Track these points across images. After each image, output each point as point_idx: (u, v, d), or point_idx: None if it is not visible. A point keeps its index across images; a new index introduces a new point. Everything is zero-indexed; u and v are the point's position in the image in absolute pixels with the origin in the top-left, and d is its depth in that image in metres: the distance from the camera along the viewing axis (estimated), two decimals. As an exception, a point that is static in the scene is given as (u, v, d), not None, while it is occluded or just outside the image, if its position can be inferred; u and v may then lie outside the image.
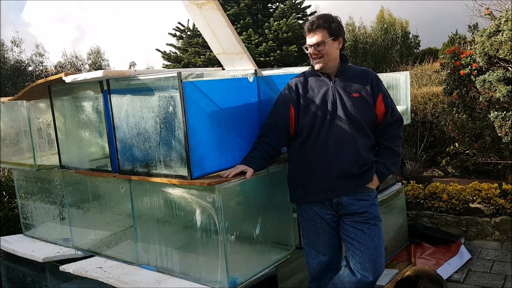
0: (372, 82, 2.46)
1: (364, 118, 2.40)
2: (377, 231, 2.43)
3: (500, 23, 4.70)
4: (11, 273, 3.52)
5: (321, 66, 2.44)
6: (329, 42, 2.40)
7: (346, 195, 2.41)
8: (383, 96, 2.46)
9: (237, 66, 2.65)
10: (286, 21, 6.90)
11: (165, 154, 2.39)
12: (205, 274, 2.41)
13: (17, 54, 17.21)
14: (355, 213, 2.42)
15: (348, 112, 2.39)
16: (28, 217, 3.68)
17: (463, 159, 6.01)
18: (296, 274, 2.87)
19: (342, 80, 2.45)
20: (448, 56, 5.61)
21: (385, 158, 2.47)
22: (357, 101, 2.41)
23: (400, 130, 2.53)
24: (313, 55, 2.44)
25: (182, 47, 7.70)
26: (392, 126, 2.49)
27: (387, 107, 2.46)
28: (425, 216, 4.57)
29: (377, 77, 2.51)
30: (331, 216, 2.47)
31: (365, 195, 2.43)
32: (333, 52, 2.43)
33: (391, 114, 2.47)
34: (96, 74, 2.41)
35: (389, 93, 2.55)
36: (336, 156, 2.38)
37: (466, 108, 5.71)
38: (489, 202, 4.44)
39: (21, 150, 3.37)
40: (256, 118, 2.68)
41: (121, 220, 2.90)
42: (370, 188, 2.45)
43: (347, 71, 2.49)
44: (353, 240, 2.42)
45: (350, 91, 2.43)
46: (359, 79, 2.46)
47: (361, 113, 2.40)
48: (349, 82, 2.45)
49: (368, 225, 2.41)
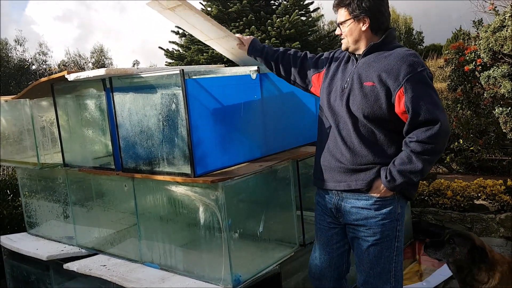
0: (394, 71, 1.96)
1: (370, 114, 2.03)
2: (377, 252, 2.14)
3: (504, 18, 4.65)
4: (15, 271, 3.54)
5: (345, 47, 2.17)
6: (350, 22, 2.09)
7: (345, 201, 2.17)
8: (405, 92, 1.94)
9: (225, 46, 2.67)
10: (289, 18, 6.87)
11: (168, 152, 2.38)
12: (209, 272, 2.41)
13: (20, 53, 17.28)
14: (355, 224, 2.17)
15: (349, 105, 2.08)
16: (32, 216, 3.68)
17: (467, 155, 5.98)
18: (300, 271, 2.87)
19: (364, 63, 2.09)
20: (453, 51, 5.57)
21: (396, 163, 2.01)
22: (366, 92, 2.03)
23: (431, 133, 1.93)
24: (339, 34, 2.18)
25: (185, 44, 7.68)
26: (420, 129, 1.96)
27: (408, 106, 1.94)
28: (430, 213, 4.54)
29: (409, 67, 1.96)
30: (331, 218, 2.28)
31: (367, 203, 2.11)
32: (357, 33, 2.10)
33: (414, 114, 1.94)
34: (98, 72, 2.41)
35: (427, 92, 1.97)
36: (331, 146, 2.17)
37: (471, 104, 5.67)
38: (494, 199, 4.41)
39: (25, 148, 3.38)
40: (259, 115, 2.67)
41: (124, 218, 2.90)
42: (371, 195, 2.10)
43: (374, 53, 2.09)
44: (355, 256, 2.25)
45: (365, 78, 2.04)
46: (381, 64, 2.01)
47: (367, 107, 2.02)
48: (369, 67, 2.05)
49: (368, 244, 2.14)
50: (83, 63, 19.50)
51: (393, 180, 2.02)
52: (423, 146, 1.95)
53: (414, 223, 4.31)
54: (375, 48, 2.09)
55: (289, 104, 2.86)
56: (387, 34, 2.10)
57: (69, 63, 18.94)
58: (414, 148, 1.96)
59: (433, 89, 1.99)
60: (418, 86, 1.95)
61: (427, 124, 1.94)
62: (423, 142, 1.94)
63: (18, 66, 16.42)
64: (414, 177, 2.01)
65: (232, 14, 7.16)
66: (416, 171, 1.98)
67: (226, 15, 7.23)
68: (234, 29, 6.84)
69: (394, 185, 2.03)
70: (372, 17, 2.07)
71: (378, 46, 2.09)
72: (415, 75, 1.95)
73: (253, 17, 7.03)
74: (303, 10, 7.63)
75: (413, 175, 2.00)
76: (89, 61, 19.95)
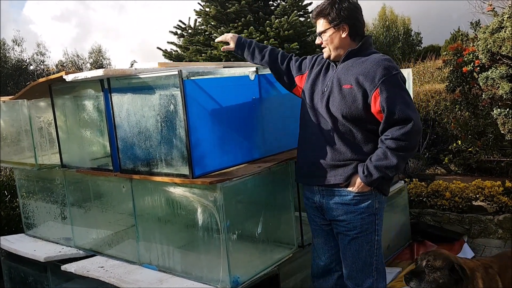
0: (370, 74, 2.11)
1: (348, 114, 2.16)
2: (357, 245, 2.27)
3: (503, 19, 4.66)
4: (13, 272, 3.52)
5: (326, 55, 2.32)
6: (331, 31, 2.24)
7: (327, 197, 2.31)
8: (381, 92, 2.08)
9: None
10: (288, 19, 6.87)
11: (166, 153, 2.38)
12: (207, 273, 2.40)
13: (18, 53, 17.26)
14: (336, 220, 2.31)
15: (329, 105, 2.22)
16: (30, 217, 3.67)
17: (466, 156, 5.98)
18: (298, 273, 2.86)
19: (343, 68, 2.24)
20: (451, 53, 5.58)
21: (374, 159, 2.15)
22: (344, 94, 2.17)
23: (404, 131, 2.08)
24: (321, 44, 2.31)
25: (183, 45, 7.68)
26: (395, 126, 2.10)
27: (383, 106, 2.08)
28: (428, 214, 4.55)
29: (383, 71, 2.11)
30: (320, 219, 2.42)
31: (345, 198, 2.25)
32: (338, 41, 2.24)
33: (389, 114, 2.08)
34: (96, 72, 2.40)
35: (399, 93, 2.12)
36: (313, 145, 2.32)
37: (469, 106, 5.68)
38: (492, 200, 4.42)
39: (22, 149, 3.37)
40: (257, 116, 2.66)
41: (122, 219, 2.89)
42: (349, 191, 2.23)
43: (350, 59, 2.24)
44: (340, 251, 2.39)
45: (344, 81, 2.20)
46: (358, 68, 2.17)
47: (345, 108, 2.16)
48: (347, 71, 2.20)
49: (349, 239, 2.28)
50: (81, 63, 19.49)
51: (370, 175, 2.16)
52: (397, 143, 2.09)
53: (413, 224, 4.31)
54: (353, 54, 2.25)
55: (287, 105, 2.86)
56: (364, 41, 2.27)
57: (67, 63, 18.93)
58: (389, 145, 2.11)
59: (405, 90, 2.16)
60: (392, 87, 2.11)
61: (400, 122, 2.10)
62: (398, 139, 2.09)
63: (16, 67, 16.40)
64: (389, 172, 2.16)
65: (230, 15, 7.15)
66: (392, 167, 2.13)
67: (224, 16, 7.22)
68: (232, 30, 6.83)
69: (371, 180, 2.16)
70: (351, 24, 2.24)
71: (355, 52, 2.25)
72: (390, 77, 2.11)
73: (251, 17, 7.03)
74: (302, 10, 7.63)
75: (388, 170, 2.14)
76: (87, 61, 19.95)
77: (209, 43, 7.26)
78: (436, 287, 2.42)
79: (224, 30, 6.86)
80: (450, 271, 2.39)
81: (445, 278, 2.39)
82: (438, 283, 2.41)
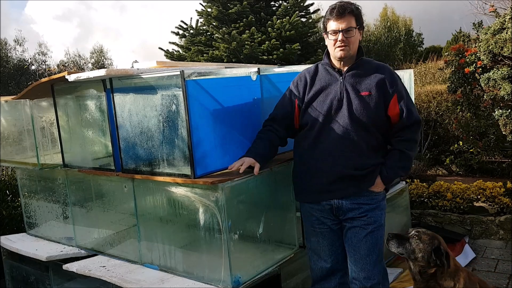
0: (386, 80, 2.27)
1: (371, 120, 2.26)
2: (374, 238, 2.32)
3: (504, 20, 4.66)
4: (15, 272, 3.53)
5: (345, 54, 2.27)
6: (356, 31, 2.27)
7: (346, 199, 2.31)
8: (398, 96, 2.27)
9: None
10: (289, 19, 6.87)
11: (168, 152, 2.38)
12: (209, 273, 2.40)
13: (20, 53, 17.28)
14: (355, 217, 2.33)
15: (353, 112, 2.25)
16: (32, 216, 3.68)
17: (467, 157, 5.98)
18: (299, 273, 2.86)
19: (353, 76, 2.30)
20: (453, 53, 5.57)
21: (393, 161, 2.30)
22: (365, 101, 2.26)
23: (416, 133, 2.33)
24: (339, 41, 2.24)
25: (185, 45, 7.69)
26: (409, 128, 2.30)
27: (402, 109, 2.27)
28: (429, 215, 4.55)
29: (393, 75, 2.32)
30: (331, 220, 2.40)
31: (368, 199, 2.32)
32: (357, 42, 2.30)
33: (407, 116, 2.28)
34: (99, 72, 2.40)
35: (408, 93, 2.36)
36: (335, 157, 2.28)
37: (470, 106, 5.68)
38: (493, 201, 4.42)
39: (24, 149, 3.38)
40: (259, 117, 2.66)
41: (124, 219, 2.89)
42: (374, 191, 2.32)
43: (361, 66, 2.33)
44: (349, 246, 2.37)
45: (360, 88, 2.27)
46: (372, 76, 2.29)
47: (368, 114, 2.25)
48: (361, 79, 2.29)
49: (365, 232, 2.31)
50: (82, 63, 19.51)
51: (391, 177, 2.33)
52: (410, 144, 2.32)
53: (414, 225, 4.30)
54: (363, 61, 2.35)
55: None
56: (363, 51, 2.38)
57: (68, 63, 18.95)
58: (405, 146, 2.30)
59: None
60: (405, 91, 2.34)
61: (414, 124, 2.31)
62: (411, 141, 2.32)
63: (18, 66, 16.42)
64: (405, 172, 2.41)
65: (232, 15, 7.16)
66: (408, 167, 2.37)
67: (226, 16, 7.24)
68: (234, 30, 6.84)
69: (391, 180, 2.35)
70: (362, 32, 2.36)
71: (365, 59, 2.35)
72: (401, 82, 2.35)
73: (253, 18, 7.04)
74: (303, 11, 7.64)
75: (405, 170, 2.37)
76: (88, 61, 19.96)
77: (210, 44, 7.27)
78: (412, 259, 2.32)
79: (226, 31, 6.87)
80: (434, 251, 2.28)
81: (425, 255, 2.28)
82: (415, 255, 2.30)
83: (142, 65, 2.97)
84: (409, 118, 2.29)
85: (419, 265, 2.33)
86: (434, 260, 2.28)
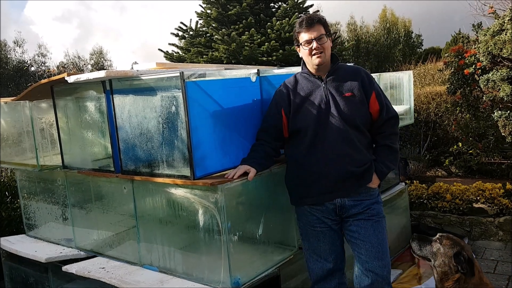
0: (364, 81, 2.43)
1: (359, 118, 2.38)
2: (381, 227, 2.41)
3: (503, 22, 4.67)
4: (14, 273, 3.53)
5: (322, 60, 2.39)
6: (327, 38, 2.41)
7: (348, 197, 2.38)
8: (376, 94, 2.43)
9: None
10: (289, 21, 6.88)
11: (167, 154, 2.38)
12: (208, 274, 2.40)
13: (19, 54, 17.28)
14: (358, 212, 2.40)
15: (342, 112, 2.36)
16: (31, 218, 3.68)
17: (466, 159, 5.99)
18: (299, 274, 2.86)
19: (333, 80, 2.43)
20: (452, 55, 5.58)
21: (383, 156, 2.45)
22: (350, 100, 2.39)
23: (396, 127, 2.51)
24: (314, 50, 2.37)
25: (184, 47, 7.69)
26: (388, 123, 2.46)
27: (382, 105, 2.44)
28: (429, 216, 4.55)
29: (368, 75, 2.49)
30: (332, 220, 2.44)
31: (367, 195, 2.42)
32: (329, 48, 2.43)
33: (386, 111, 2.45)
34: (98, 74, 2.41)
35: (382, 91, 2.52)
36: (334, 157, 2.35)
37: (470, 108, 5.69)
38: (492, 202, 4.42)
39: (24, 150, 3.37)
40: (258, 118, 2.66)
41: (123, 221, 2.89)
42: (371, 187, 2.43)
43: (338, 70, 2.46)
44: (357, 240, 2.39)
45: (342, 90, 2.40)
46: (350, 78, 2.43)
47: (356, 112, 2.38)
48: (341, 82, 2.42)
49: (371, 222, 2.39)
50: (82, 64, 19.50)
51: (384, 171, 2.45)
52: (394, 137, 2.49)
53: (413, 226, 4.31)
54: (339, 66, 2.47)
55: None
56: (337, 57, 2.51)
57: (68, 64, 18.93)
58: (391, 140, 2.47)
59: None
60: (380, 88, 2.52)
61: (392, 118, 2.48)
62: (393, 134, 2.49)
63: (17, 68, 16.41)
64: (394, 166, 2.56)
65: (231, 17, 7.16)
66: (396, 159, 2.54)
67: (225, 18, 7.24)
68: (234, 32, 6.84)
69: (385, 175, 2.48)
70: (331, 40, 2.50)
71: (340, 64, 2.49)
72: (375, 81, 2.51)
73: (252, 19, 7.04)
74: (303, 12, 7.64)
75: (395, 163, 2.52)
76: (88, 62, 19.96)
77: (210, 45, 7.27)
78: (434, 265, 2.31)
79: (225, 32, 6.87)
80: (454, 256, 2.25)
81: (446, 260, 2.25)
82: (435, 258, 2.29)
83: (141, 67, 2.97)
84: (387, 113, 2.45)
85: (441, 272, 2.30)
86: (455, 265, 2.24)
